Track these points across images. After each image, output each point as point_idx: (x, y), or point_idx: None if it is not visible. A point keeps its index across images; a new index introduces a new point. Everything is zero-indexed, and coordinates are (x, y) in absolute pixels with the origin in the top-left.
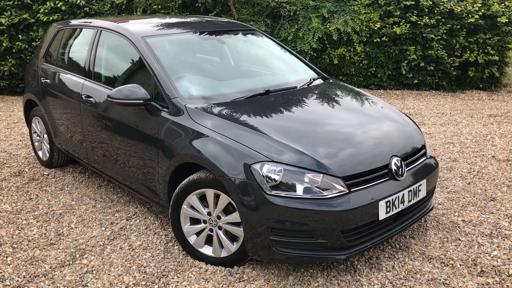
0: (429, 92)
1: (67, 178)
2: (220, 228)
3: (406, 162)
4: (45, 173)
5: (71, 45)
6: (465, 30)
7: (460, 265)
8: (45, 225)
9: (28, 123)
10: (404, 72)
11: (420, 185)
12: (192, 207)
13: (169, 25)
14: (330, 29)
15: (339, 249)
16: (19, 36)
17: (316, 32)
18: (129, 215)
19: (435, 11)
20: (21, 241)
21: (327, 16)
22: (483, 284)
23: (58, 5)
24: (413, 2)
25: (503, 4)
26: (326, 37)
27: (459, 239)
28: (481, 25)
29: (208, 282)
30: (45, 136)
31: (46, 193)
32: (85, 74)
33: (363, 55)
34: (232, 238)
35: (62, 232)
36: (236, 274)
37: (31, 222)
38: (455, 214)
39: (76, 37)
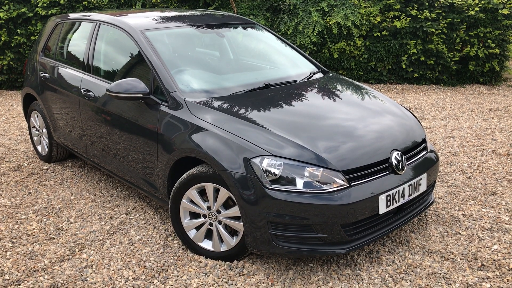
0: (429, 87)
1: (66, 173)
2: (220, 222)
3: (407, 156)
4: (44, 167)
5: (69, 39)
6: (465, 23)
7: (460, 259)
8: (45, 219)
9: (27, 117)
10: (404, 66)
11: (421, 179)
12: (191, 202)
13: (168, 19)
14: (330, 23)
15: (339, 243)
16: (18, 30)
17: (316, 26)
18: (128, 209)
19: (436, 5)
20: (21, 236)
21: (327, 10)
22: (483, 278)
23: None
24: None
25: None
26: (326, 31)
27: (460, 233)
28: (481, 19)
29: (208, 276)
30: (44, 130)
31: (45, 188)
32: (84, 68)
33: (363, 49)
34: (232, 232)
35: (62, 226)
36: (236, 268)
37: (30, 217)
38: (456, 208)
39: (75, 31)
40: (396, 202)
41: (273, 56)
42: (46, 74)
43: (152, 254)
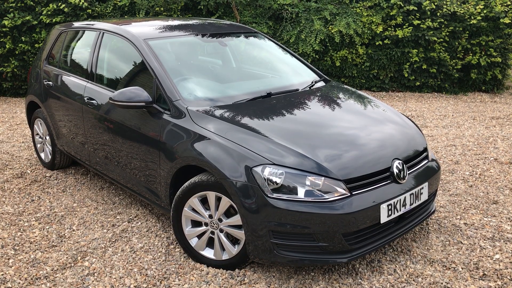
0: (431, 94)
1: (69, 180)
2: (221, 230)
3: (408, 165)
4: (47, 175)
5: (73, 47)
6: (467, 32)
7: (462, 268)
8: (47, 227)
9: (31, 125)
10: (406, 75)
11: (422, 188)
12: (193, 210)
13: (171, 28)
14: (332, 31)
15: (340, 252)
16: (22, 38)
17: (318, 34)
18: (130, 217)
19: (438, 14)
20: (23, 243)
21: (329, 18)
22: None
23: (61, 7)
24: (415, 8)
25: (505, 6)
26: (328, 39)
27: (461, 243)
28: (483, 27)
29: (209, 285)
30: (47, 138)
31: (48, 195)
32: (87, 76)
33: (365, 57)
34: (234, 240)
35: (64, 234)
36: (238, 277)
37: (33, 224)
38: (457, 217)
39: (79, 39)
40: (397, 211)
41: (275, 65)
42: (50, 82)
43: (154, 262)
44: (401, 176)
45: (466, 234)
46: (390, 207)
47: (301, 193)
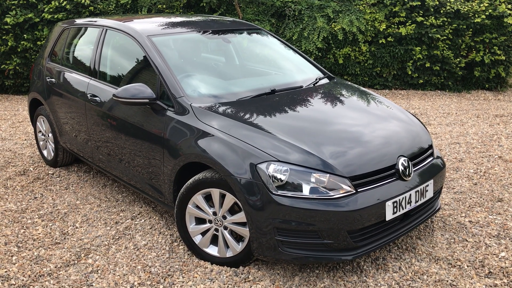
0: (435, 92)
1: (72, 177)
2: (225, 228)
3: (413, 162)
4: (50, 172)
5: (76, 44)
6: (471, 30)
7: (467, 266)
8: (50, 224)
9: (33, 122)
10: (409, 72)
11: (427, 185)
12: (197, 207)
13: (174, 24)
14: (335, 28)
15: (345, 250)
16: (24, 35)
17: (321, 31)
18: (134, 214)
19: (441, 11)
20: (26, 240)
21: (332, 16)
22: (491, 286)
23: (63, 4)
24: (419, 3)
25: (510, 5)
26: (331, 37)
27: (466, 240)
28: (487, 25)
29: (213, 282)
30: (50, 135)
31: (51, 192)
32: (90, 73)
33: (368, 55)
34: (238, 238)
35: (67, 231)
36: (242, 274)
37: (36, 221)
38: (462, 215)
39: (81, 36)
40: (402, 209)
41: (279, 62)
42: (53, 79)
43: (158, 260)
44: (407, 173)
45: (471, 232)
46: (395, 204)
47: (306, 190)
